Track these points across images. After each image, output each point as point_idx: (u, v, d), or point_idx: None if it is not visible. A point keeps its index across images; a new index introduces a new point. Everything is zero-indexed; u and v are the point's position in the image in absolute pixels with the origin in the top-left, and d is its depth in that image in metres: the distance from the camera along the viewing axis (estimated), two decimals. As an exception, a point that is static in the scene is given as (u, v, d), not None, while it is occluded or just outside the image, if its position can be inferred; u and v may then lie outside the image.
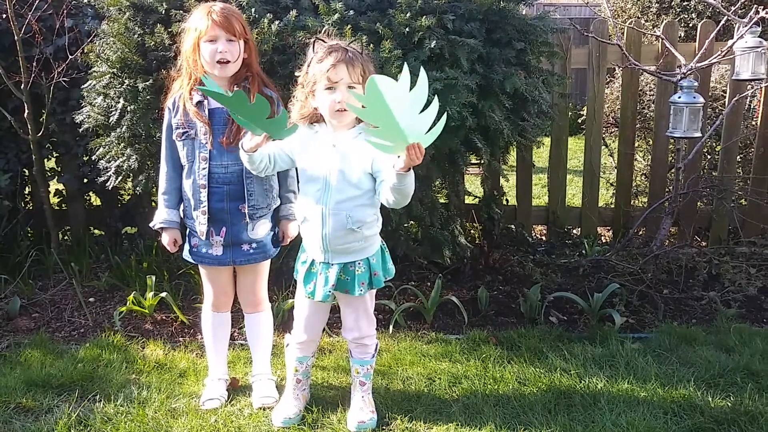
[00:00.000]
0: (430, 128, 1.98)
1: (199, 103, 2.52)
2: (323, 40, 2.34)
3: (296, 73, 2.44)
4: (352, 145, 2.32)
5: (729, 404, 2.65)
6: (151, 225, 2.69)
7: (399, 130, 1.98)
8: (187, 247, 2.69)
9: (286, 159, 2.44)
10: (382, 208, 2.44)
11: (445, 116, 1.98)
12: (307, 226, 2.42)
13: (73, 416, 2.60)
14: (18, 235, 4.24)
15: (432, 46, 2.98)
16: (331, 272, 2.41)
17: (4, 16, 3.77)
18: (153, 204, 2.75)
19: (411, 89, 1.94)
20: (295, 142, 2.39)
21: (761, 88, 4.17)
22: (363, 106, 1.98)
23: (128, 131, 3.16)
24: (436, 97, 2.01)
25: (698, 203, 4.55)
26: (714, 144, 4.81)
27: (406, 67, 1.94)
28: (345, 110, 2.26)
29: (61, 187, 4.52)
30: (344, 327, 2.62)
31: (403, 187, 2.18)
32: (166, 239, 2.68)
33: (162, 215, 2.65)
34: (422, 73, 1.95)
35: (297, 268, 2.55)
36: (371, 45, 2.87)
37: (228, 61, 2.47)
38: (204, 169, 2.54)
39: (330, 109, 2.29)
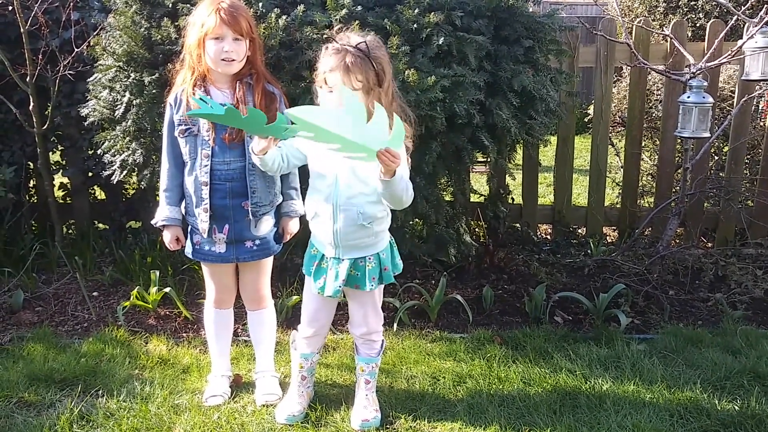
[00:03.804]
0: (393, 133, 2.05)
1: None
2: (335, 40, 2.28)
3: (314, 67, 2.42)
4: None
5: (736, 407, 2.63)
6: (152, 222, 2.66)
7: (358, 146, 2.04)
8: (189, 244, 2.67)
9: (300, 156, 2.44)
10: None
11: (400, 120, 2.04)
12: (317, 222, 2.41)
13: (75, 411, 2.59)
14: (22, 228, 4.24)
15: (440, 42, 2.97)
16: (342, 267, 2.40)
17: (11, 8, 3.76)
18: (157, 198, 2.73)
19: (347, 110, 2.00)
20: (305, 139, 2.36)
21: (770, 88, 4.15)
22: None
23: (134, 125, 3.14)
24: (377, 104, 2.07)
25: (705, 204, 4.53)
26: (721, 144, 4.79)
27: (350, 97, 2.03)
28: None
29: (65, 180, 4.51)
30: (352, 323, 2.60)
31: (390, 192, 2.23)
32: (167, 237, 2.64)
33: (164, 212, 2.61)
34: (344, 90, 2.06)
35: (306, 262, 2.53)
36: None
37: (233, 60, 2.45)
38: (206, 166, 2.51)
39: None
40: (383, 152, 2.07)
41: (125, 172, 3.35)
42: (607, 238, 4.73)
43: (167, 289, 3.49)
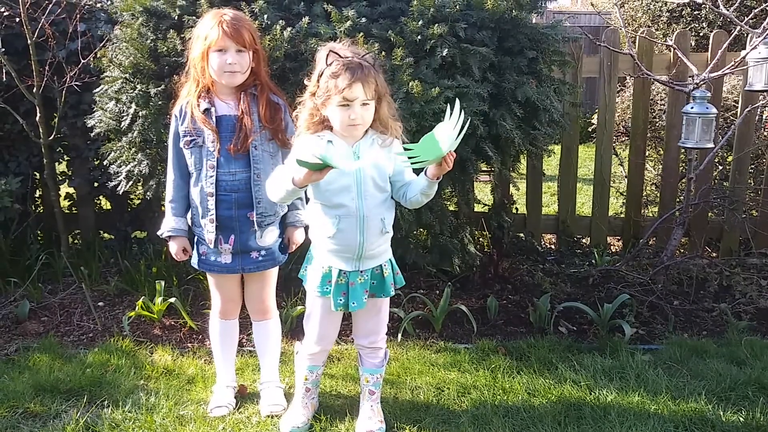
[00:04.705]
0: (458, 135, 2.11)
1: (207, 110, 2.50)
2: (337, 53, 2.25)
3: (305, 82, 2.41)
4: (373, 151, 2.31)
5: (741, 418, 2.62)
6: (158, 233, 2.67)
7: (440, 152, 2.10)
8: (195, 255, 2.68)
9: None
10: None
11: (468, 120, 2.10)
12: (341, 238, 2.34)
13: (81, 422, 2.60)
14: (28, 239, 4.26)
15: (444, 54, 2.98)
16: (364, 280, 2.41)
17: (18, 19, 3.79)
18: (163, 209, 2.74)
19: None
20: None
21: (774, 98, 4.15)
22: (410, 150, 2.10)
23: (140, 136, 3.17)
24: (457, 104, 2.11)
25: (709, 214, 4.53)
26: (725, 154, 4.79)
27: (457, 103, 2.09)
28: (358, 125, 2.27)
29: (71, 190, 4.53)
30: (360, 333, 2.59)
31: (430, 192, 2.31)
32: (174, 248, 2.65)
33: (170, 223, 2.63)
34: (457, 102, 2.12)
35: (318, 284, 2.43)
36: (383, 52, 2.87)
37: (236, 72, 2.46)
38: (211, 177, 2.52)
39: (342, 123, 2.25)
40: (450, 154, 2.13)
41: (131, 182, 3.37)
42: (612, 247, 4.73)
43: (172, 300, 3.49)
